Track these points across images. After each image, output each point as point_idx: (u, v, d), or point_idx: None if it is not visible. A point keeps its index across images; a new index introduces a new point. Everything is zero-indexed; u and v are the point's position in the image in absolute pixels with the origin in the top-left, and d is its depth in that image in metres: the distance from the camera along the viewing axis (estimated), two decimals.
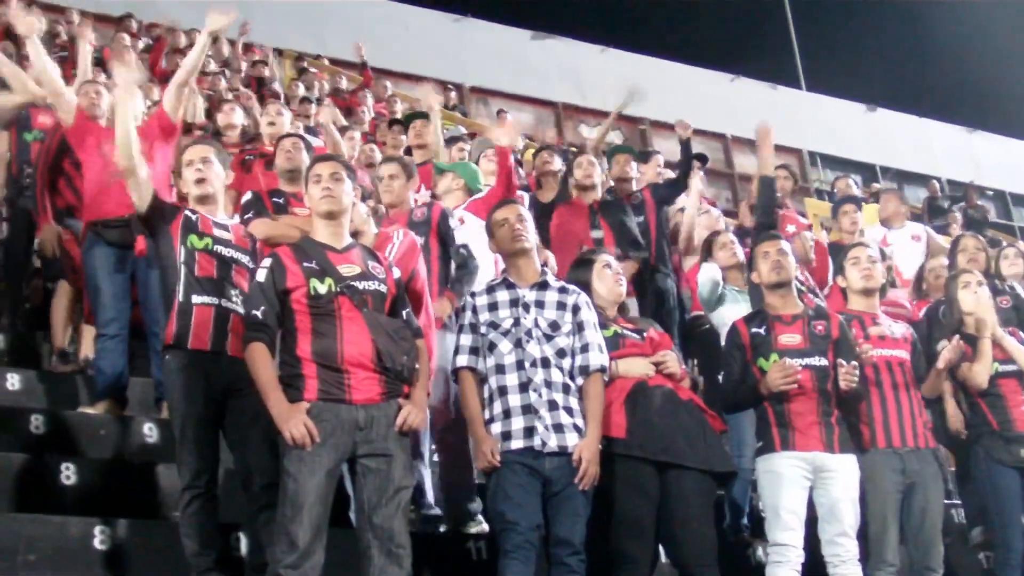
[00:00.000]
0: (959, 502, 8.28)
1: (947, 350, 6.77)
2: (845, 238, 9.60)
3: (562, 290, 5.90)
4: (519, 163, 11.80)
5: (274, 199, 7.27)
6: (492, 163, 8.82)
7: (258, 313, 5.27)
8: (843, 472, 6.13)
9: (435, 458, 7.14)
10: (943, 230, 15.61)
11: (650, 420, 5.75)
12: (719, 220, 9.67)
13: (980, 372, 7.05)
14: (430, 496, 6.93)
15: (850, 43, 27.19)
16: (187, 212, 5.95)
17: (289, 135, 7.94)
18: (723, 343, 6.87)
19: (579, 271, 6.29)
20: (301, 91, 15.34)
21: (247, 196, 7.15)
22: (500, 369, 5.66)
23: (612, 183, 9.77)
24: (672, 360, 6.01)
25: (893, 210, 11.31)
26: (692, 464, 5.74)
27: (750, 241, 7.44)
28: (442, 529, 6.80)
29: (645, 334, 6.09)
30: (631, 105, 11.48)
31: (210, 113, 11.92)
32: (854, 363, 6.20)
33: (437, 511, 6.87)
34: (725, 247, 8.23)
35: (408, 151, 10.35)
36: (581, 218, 8.90)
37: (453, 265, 7.35)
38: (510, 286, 5.85)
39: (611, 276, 6.21)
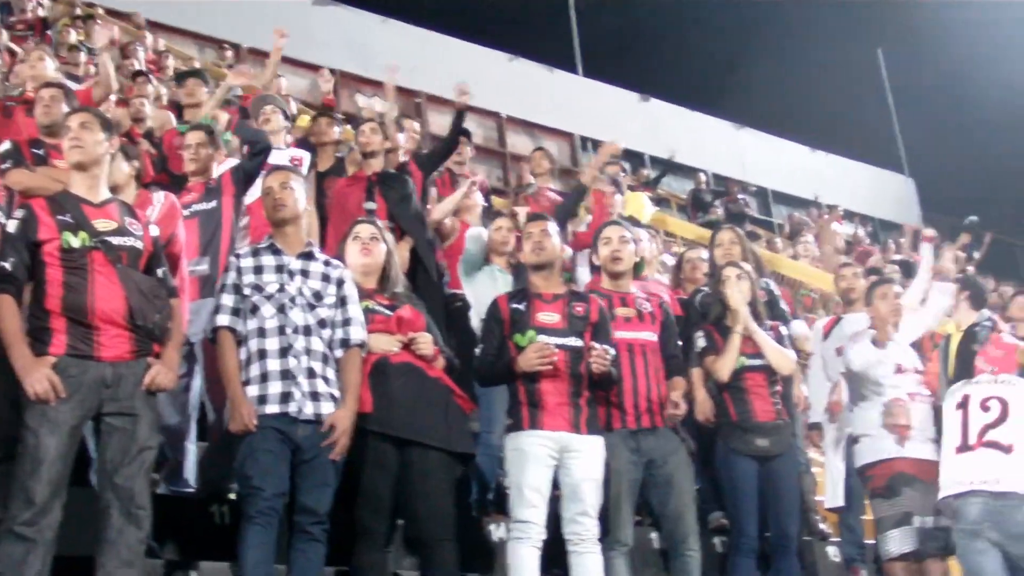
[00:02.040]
0: (698, 486, 8.47)
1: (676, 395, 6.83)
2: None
3: (327, 263, 5.95)
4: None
5: (34, 150, 7.03)
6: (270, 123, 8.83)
7: (6, 264, 5.13)
8: (588, 453, 6.22)
9: None
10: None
11: (392, 397, 5.84)
12: (478, 198, 9.67)
13: (723, 367, 7.21)
14: (189, 473, 6.84)
15: (628, 32, 27.60)
16: None
17: (48, 85, 7.69)
18: (475, 321, 6.94)
19: (340, 244, 6.39)
20: (72, 38, 14.78)
21: (5, 145, 6.89)
22: (261, 333, 5.66)
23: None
24: (424, 341, 6.09)
25: None
26: (432, 443, 5.86)
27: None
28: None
29: (396, 311, 6.14)
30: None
31: None
32: (607, 347, 6.30)
33: (191, 489, 6.78)
34: (500, 230, 8.31)
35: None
36: (357, 189, 8.67)
37: None
38: (276, 252, 5.85)
39: (357, 247, 6.29)
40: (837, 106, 29.87)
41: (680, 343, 7.11)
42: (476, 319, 7.78)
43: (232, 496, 6.43)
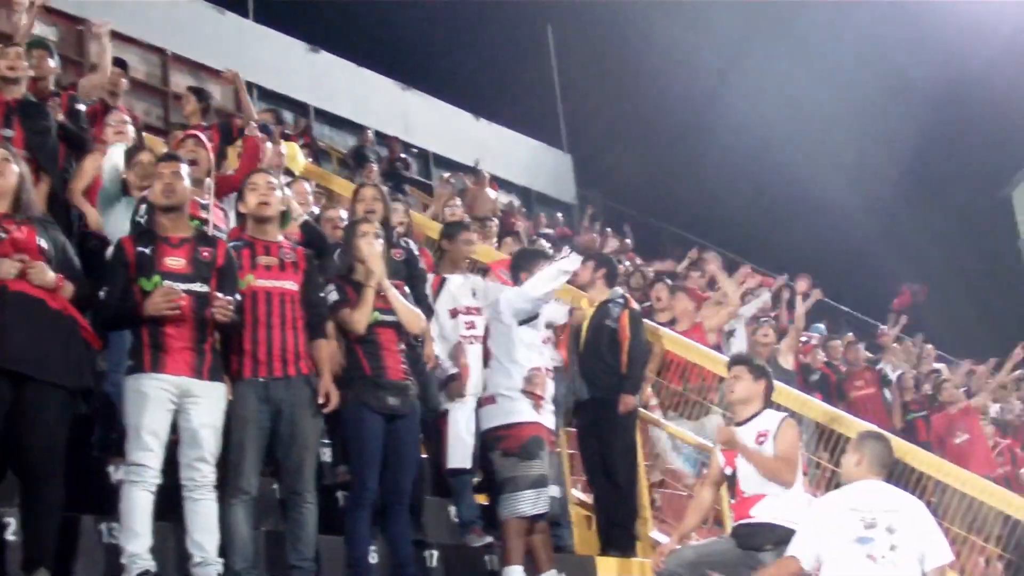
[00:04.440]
0: (330, 441, 8.50)
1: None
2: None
3: None
4: None
5: None
6: None
7: None
8: (209, 399, 6.25)
9: None
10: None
11: (6, 327, 5.67)
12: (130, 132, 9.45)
13: (359, 320, 7.21)
14: None
15: None
16: None
17: None
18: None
19: None
20: None
21: None
22: None
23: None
24: (39, 269, 5.89)
25: None
26: (44, 377, 5.75)
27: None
28: None
29: (9, 235, 5.93)
30: None
31: None
32: (233, 297, 6.32)
33: None
34: (140, 165, 8.11)
35: None
36: None
37: None
38: None
39: None
40: (504, 78, 30.32)
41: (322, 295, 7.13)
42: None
43: None
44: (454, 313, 8.55)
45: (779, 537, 7.21)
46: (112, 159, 8.08)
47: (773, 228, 28.58)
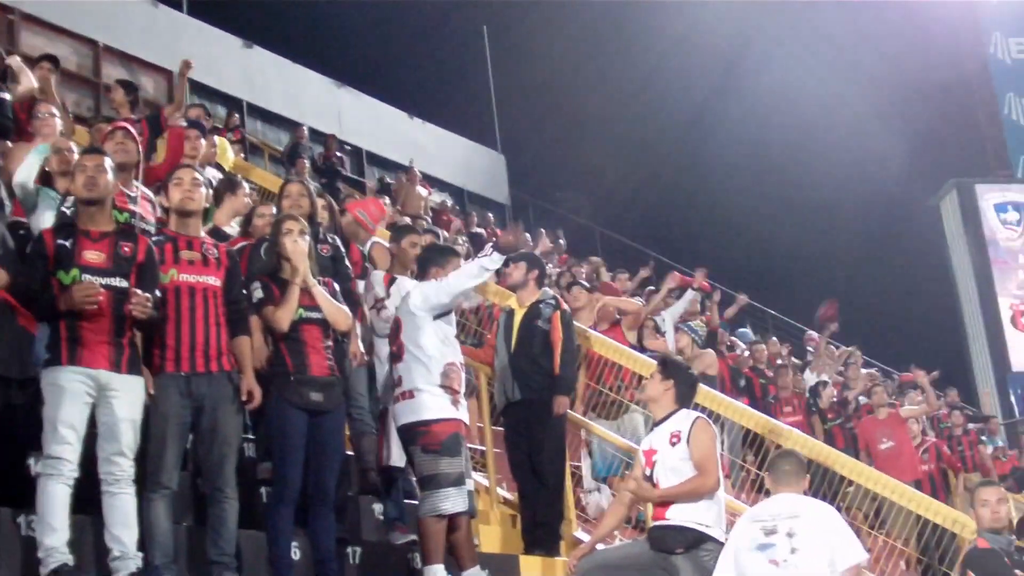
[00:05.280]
0: (253, 437, 8.47)
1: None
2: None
3: None
4: None
5: None
6: None
7: None
8: (127, 393, 6.21)
9: None
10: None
11: None
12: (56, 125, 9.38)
13: (282, 317, 7.18)
14: None
15: None
16: None
17: None
18: None
19: None
20: None
21: None
22: None
23: None
24: None
25: None
26: None
27: None
28: None
29: None
30: None
31: None
32: (152, 293, 6.30)
33: None
34: (60, 152, 8.03)
35: None
36: None
37: None
38: None
39: None
40: (439, 77, 30.38)
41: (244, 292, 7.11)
42: None
43: None
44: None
45: (690, 540, 7.28)
46: (30, 159, 8.00)
47: (705, 232, 28.75)
